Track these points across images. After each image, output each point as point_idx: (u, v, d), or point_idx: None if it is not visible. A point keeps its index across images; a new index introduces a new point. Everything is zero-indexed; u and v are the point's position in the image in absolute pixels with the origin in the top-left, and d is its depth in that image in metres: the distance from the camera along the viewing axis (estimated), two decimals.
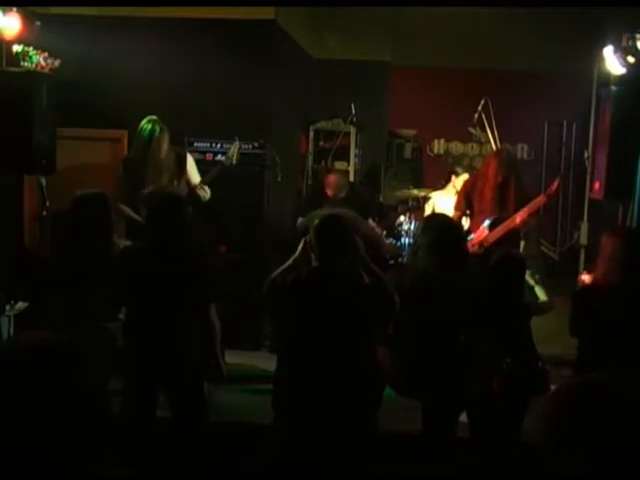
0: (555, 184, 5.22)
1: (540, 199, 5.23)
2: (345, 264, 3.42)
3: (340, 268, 3.41)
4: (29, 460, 1.25)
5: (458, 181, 6.85)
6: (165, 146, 5.19)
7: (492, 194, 5.31)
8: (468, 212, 5.59)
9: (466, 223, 5.68)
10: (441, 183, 6.99)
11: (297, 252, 3.56)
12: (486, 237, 5.26)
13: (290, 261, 3.56)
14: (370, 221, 5.84)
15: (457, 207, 5.62)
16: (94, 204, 4.12)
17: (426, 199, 6.85)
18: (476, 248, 5.21)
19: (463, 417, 3.79)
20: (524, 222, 5.22)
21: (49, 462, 1.26)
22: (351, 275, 3.42)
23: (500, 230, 5.24)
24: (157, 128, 5.14)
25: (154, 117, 5.20)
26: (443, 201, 6.84)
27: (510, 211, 5.26)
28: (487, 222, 5.33)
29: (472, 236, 5.33)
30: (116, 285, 3.80)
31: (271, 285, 3.48)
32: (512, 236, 5.30)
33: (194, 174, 5.39)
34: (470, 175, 6.27)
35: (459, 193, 5.73)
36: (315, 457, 3.36)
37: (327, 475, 3.35)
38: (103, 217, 4.12)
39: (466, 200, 5.53)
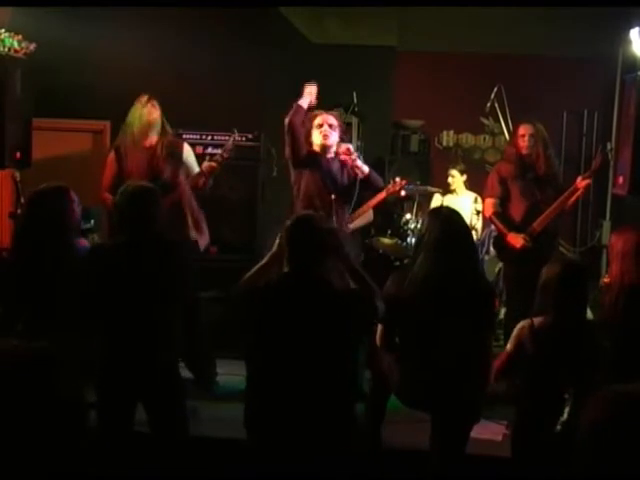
0: (598, 159, 5.32)
1: (584, 180, 5.26)
2: (320, 269, 3.23)
3: (314, 274, 3.23)
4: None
5: (457, 180, 6.82)
6: (157, 112, 4.96)
7: (534, 174, 5.28)
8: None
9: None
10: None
11: (274, 247, 3.40)
12: (532, 227, 5.28)
13: (266, 258, 3.42)
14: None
15: (491, 193, 5.44)
16: (52, 201, 3.95)
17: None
18: (528, 242, 5.24)
19: (474, 433, 3.72)
20: (571, 206, 5.35)
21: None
22: (326, 281, 3.24)
23: (546, 217, 5.27)
24: (145, 97, 4.95)
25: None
26: (456, 200, 6.80)
27: (549, 195, 5.29)
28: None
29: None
30: (85, 290, 3.63)
31: (242, 289, 3.33)
32: (553, 227, 5.40)
33: (193, 163, 5.23)
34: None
35: (492, 176, 5.54)
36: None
37: None
38: (61, 215, 3.95)
39: (502, 184, 5.40)
